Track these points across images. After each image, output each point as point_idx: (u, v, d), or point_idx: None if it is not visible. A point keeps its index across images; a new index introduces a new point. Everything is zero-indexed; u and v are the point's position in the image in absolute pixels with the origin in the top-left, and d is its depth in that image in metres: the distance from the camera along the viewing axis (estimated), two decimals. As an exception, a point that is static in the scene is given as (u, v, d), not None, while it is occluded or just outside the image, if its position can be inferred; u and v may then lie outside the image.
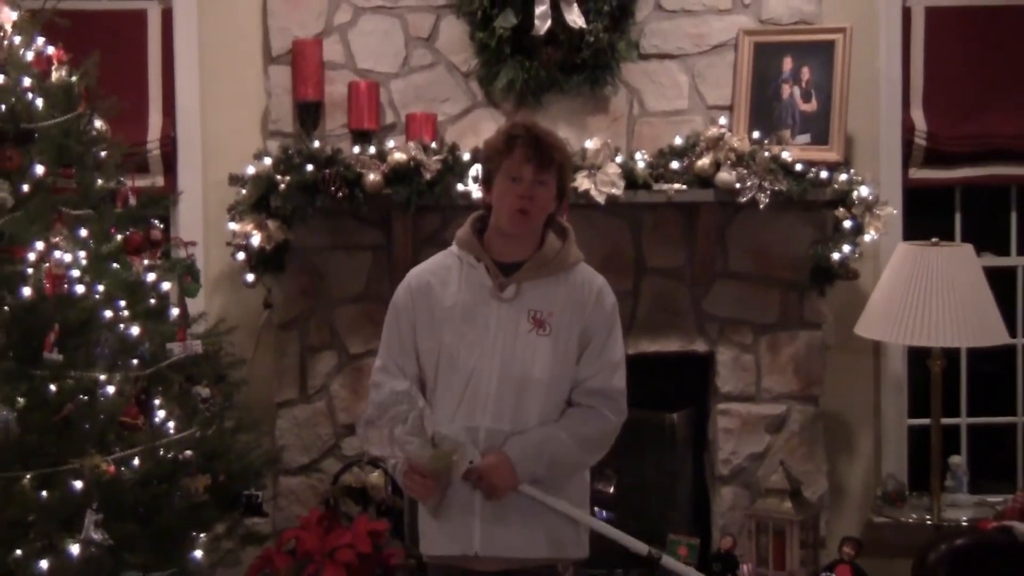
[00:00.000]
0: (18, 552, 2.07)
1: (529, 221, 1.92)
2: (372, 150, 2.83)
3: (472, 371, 1.91)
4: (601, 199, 2.82)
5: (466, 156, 2.83)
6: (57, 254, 2.18)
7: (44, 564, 2.07)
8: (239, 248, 2.85)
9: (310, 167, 2.78)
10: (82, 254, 2.26)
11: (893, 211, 3.02)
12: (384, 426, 1.88)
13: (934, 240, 2.95)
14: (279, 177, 2.79)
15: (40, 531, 2.09)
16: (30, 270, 2.16)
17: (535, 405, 1.92)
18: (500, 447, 1.90)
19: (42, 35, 2.39)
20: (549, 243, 1.96)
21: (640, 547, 2.00)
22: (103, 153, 2.47)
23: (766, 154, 2.86)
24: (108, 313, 2.27)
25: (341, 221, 2.92)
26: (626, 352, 2.94)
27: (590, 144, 2.87)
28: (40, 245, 2.18)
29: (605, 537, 2.05)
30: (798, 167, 2.87)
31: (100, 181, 2.43)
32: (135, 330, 2.30)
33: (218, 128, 3.03)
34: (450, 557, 1.95)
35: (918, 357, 3.09)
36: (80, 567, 2.08)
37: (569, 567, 1.99)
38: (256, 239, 2.81)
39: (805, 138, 2.96)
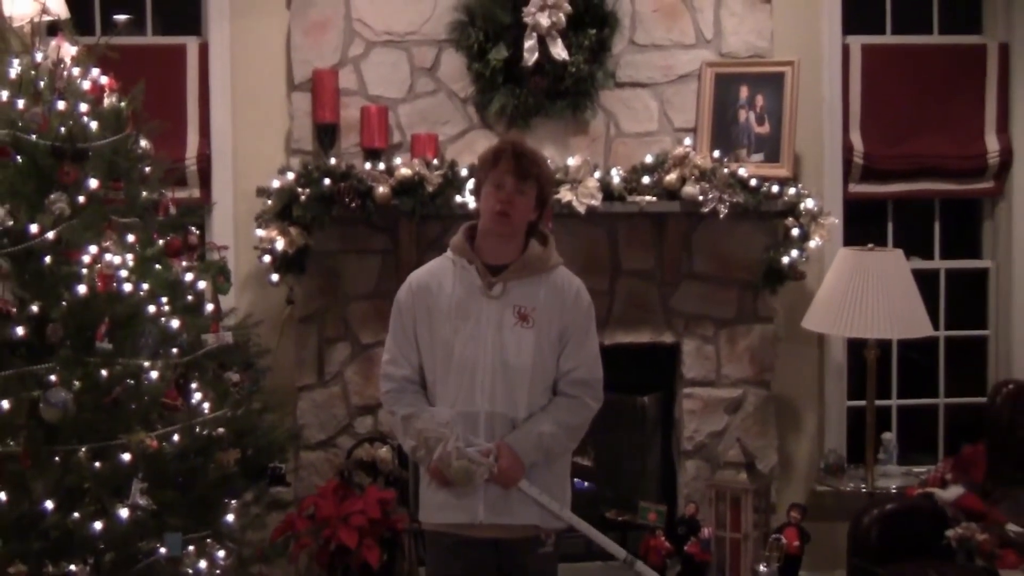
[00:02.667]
0: (75, 515, 2.10)
1: (509, 222, 1.94)
2: (381, 166, 2.84)
3: (468, 361, 1.93)
4: (582, 209, 2.84)
5: (464, 171, 2.84)
6: (108, 256, 2.20)
7: (98, 525, 2.10)
8: (265, 252, 2.83)
9: (327, 181, 2.78)
10: (129, 256, 2.26)
11: (835, 220, 3.06)
12: (419, 441, 1.90)
13: (870, 246, 2.98)
14: (300, 190, 2.79)
15: (94, 497, 2.13)
16: (84, 270, 2.18)
17: (523, 390, 1.95)
18: (502, 434, 1.92)
19: (96, 66, 2.38)
20: (532, 248, 1.98)
21: (618, 551, 2.02)
22: (147, 168, 2.46)
23: (725, 170, 2.88)
24: (152, 308, 2.28)
25: (354, 228, 2.93)
26: (602, 343, 3.04)
27: (572, 161, 2.89)
28: (93, 249, 2.20)
29: (588, 504, 2.09)
30: (753, 182, 2.88)
31: (145, 193, 2.43)
32: (175, 323, 2.32)
33: (247, 147, 3.02)
34: (452, 525, 1.96)
35: (856, 347, 3.12)
36: (128, 528, 2.12)
37: (551, 535, 2.00)
38: (280, 244, 2.80)
39: (759, 157, 2.98)
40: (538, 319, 1.95)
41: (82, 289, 2.16)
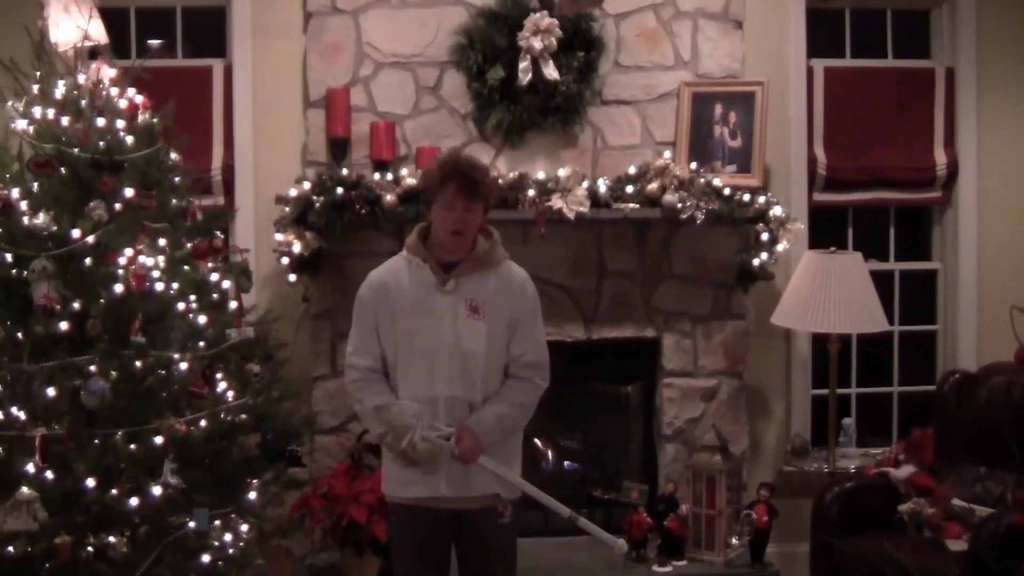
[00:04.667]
0: (113, 491, 2.14)
1: (463, 240, 1.95)
2: (389, 176, 2.86)
3: (427, 350, 1.95)
4: (571, 215, 2.86)
5: None
6: (141, 258, 2.24)
7: (133, 501, 2.14)
8: (283, 254, 2.85)
9: (340, 190, 2.79)
10: (161, 258, 2.29)
11: (800, 226, 3.07)
12: (387, 428, 1.94)
13: (832, 249, 3.02)
14: (315, 198, 2.80)
15: (130, 476, 2.16)
16: (120, 271, 2.21)
17: (478, 375, 1.96)
18: (461, 416, 1.94)
19: (132, 87, 2.41)
20: (480, 245, 1.99)
21: (563, 510, 2.02)
22: (177, 179, 2.49)
23: (702, 180, 2.89)
24: (181, 305, 2.31)
25: (364, 233, 2.93)
26: (590, 337, 3.10)
27: (562, 172, 2.90)
28: (128, 251, 2.23)
29: (577, 484, 2.10)
30: (727, 191, 2.90)
31: (174, 201, 2.46)
32: (201, 319, 2.35)
33: (267, 158, 3.04)
34: (417, 499, 1.98)
35: (819, 341, 3.13)
36: (160, 504, 2.16)
37: (508, 506, 2.01)
38: (297, 247, 2.82)
39: (732, 168, 2.99)
40: (488, 310, 1.97)
41: (118, 288, 2.20)
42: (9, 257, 2.21)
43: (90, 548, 2.13)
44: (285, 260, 2.88)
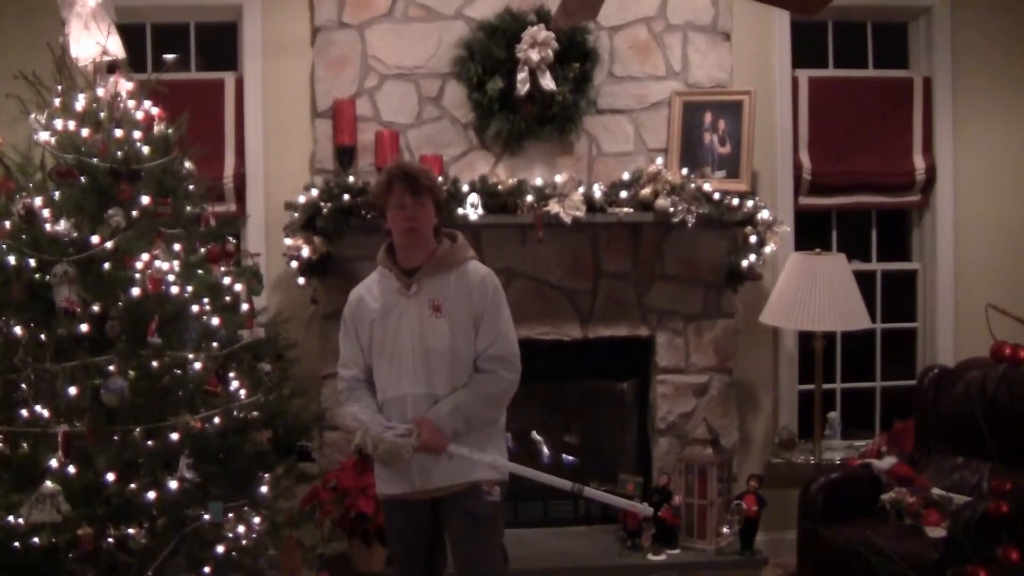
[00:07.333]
0: (132, 485, 2.16)
1: (418, 235, 1.99)
2: None
3: (396, 352, 1.99)
4: (568, 219, 2.86)
5: (464, 187, 2.87)
6: (157, 263, 2.26)
7: (151, 494, 2.16)
8: (292, 258, 2.86)
9: (346, 196, 2.80)
10: (176, 263, 2.31)
11: (787, 229, 3.09)
12: (357, 428, 1.99)
13: (817, 251, 3.03)
14: (323, 204, 2.81)
15: (147, 470, 2.18)
16: (137, 275, 2.23)
17: (443, 371, 1.98)
18: (425, 411, 1.95)
19: (148, 99, 2.43)
20: (442, 247, 2.03)
21: (564, 484, 2.01)
22: (191, 186, 2.50)
23: (692, 185, 2.90)
24: (195, 308, 2.33)
25: (370, 237, 2.88)
26: (586, 336, 3.11)
27: (559, 178, 2.91)
28: (145, 256, 2.25)
29: (574, 476, 2.07)
30: (716, 195, 2.90)
31: (189, 207, 2.47)
32: (215, 320, 2.36)
33: (277, 167, 3.06)
34: (397, 495, 2.04)
35: (805, 338, 3.14)
36: (177, 497, 2.18)
37: (494, 487, 2.00)
38: (305, 251, 2.83)
39: (721, 173, 3.00)
40: (449, 308, 1.99)
41: (136, 291, 2.23)
42: (33, 262, 2.23)
43: (111, 539, 2.15)
44: (294, 264, 2.90)
